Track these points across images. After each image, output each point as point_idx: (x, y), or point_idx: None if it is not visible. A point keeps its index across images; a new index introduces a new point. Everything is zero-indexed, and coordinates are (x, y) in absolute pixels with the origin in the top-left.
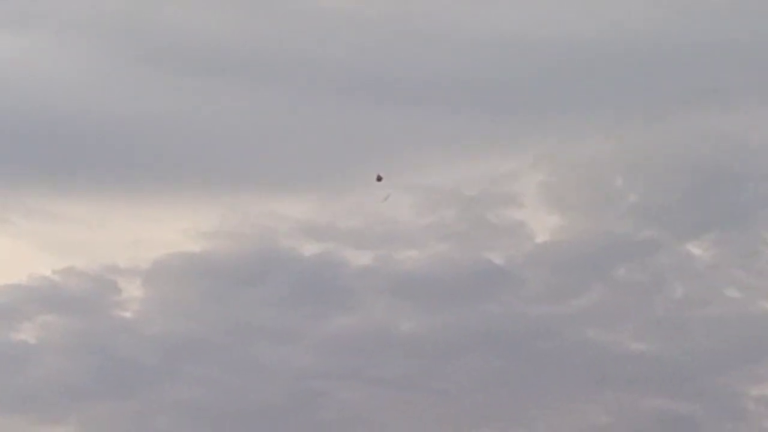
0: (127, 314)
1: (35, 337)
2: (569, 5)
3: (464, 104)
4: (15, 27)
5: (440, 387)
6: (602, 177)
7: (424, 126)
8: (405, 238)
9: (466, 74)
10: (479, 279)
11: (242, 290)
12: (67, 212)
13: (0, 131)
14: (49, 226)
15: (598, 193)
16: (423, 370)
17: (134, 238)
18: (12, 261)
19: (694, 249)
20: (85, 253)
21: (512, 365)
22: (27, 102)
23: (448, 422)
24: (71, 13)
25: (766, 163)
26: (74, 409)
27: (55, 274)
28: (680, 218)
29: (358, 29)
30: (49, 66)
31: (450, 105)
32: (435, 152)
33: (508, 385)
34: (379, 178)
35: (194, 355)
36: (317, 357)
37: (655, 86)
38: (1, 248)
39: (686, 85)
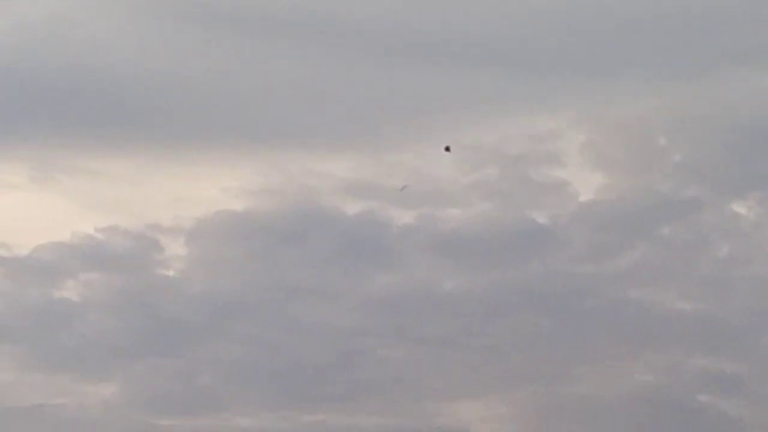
0: (170, 273)
1: (78, 295)
2: None
3: (508, 63)
4: None
5: (483, 345)
6: (646, 136)
7: (467, 85)
8: (448, 196)
9: (509, 33)
10: (522, 238)
11: (285, 249)
12: (110, 171)
13: (44, 91)
14: (93, 185)
15: (642, 152)
16: (466, 329)
17: (177, 197)
18: (56, 219)
19: (739, 208)
20: (128, 212)
21: (556, 324)
22: (70, 61)
23: (491, 380)
24: None
25: None
26: (117, 367)
27: (99, 232)
28: (724, 177)
29: None
30: (91, 25)
31: (493, 64)
32: (478, 111)
33: (551, 344)
34: (447, 149)
35: (236, 314)
36: (360, 315)
37: (699, 45)
38: (45, 206)
39: (730, 43)
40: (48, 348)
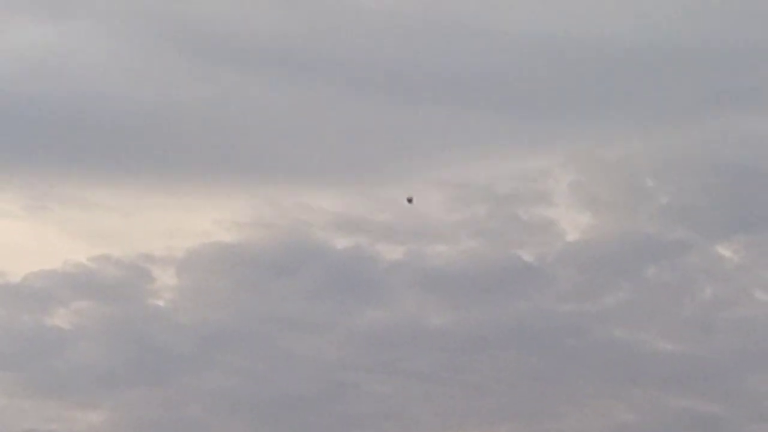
0: (161, 302)
1: (69, 323)
2: (602, 6)
3: (497, 103)
4: (52, 16)
5: (469, 381)
6: (633, 177)
7: (457, 123)
8: (436, 233)
9: (499, 73)
10: (509, 275)
11: (275, 281)
12: (102, 201)
13: (37, 120)
14: (85, 214)
15: (629, 193)
16: (452, 364)
17: (169, 228)
18: (48, 247)
19: (724, 250)
20: (120, 242)
21: (541, 361)
22: (63, 91)
23: (476, 416)
24: (109, 3)
25: None
26: (107, 395)
27: (90, 261)
28: (710, 219)
29: (397, 27)
30: (86, 56)
31: (483, 103)
32: (467, 149)
33: (536, 381)
34: (410, 200)
35: (227, 345)
36: (348, 349)
37: (686, 88)
38: (37, 235)
39: (716, 87)
40: (39, 375)
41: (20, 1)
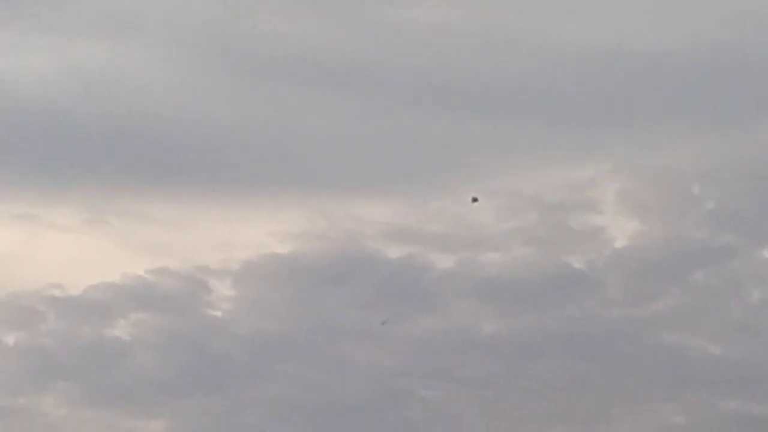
0: (218, 313)
1: (129, 334)
2: (650, 17)
3: (546, 113)
4: (110, 36)
5: (522, 387)
6: (680, 184)
7: (506, 134)
8: (488, 242)
9: (547, 84)
10: (560, 282)
11: (329, 291)
12: (160, 214)
13: (96, 136)
14: (143, 228)
15: (676, 200)
16: (505, 371)
17: (225, 240)
18: (107, 260)
19: None
20: (177, 254)
21: (592, 367)
22: (121, 108)
23: (529, 421)
24: (166, 22)
25: None
26: (166, 405)
27: (148, 274)
28: (757, 224)
29: (446, 39)
30: (143, 73)
31: (532, 114)
32: (517, 159)
33: (588, 386)
34: (475, 199)
35: (282, 354)
36: (402, 357)
37: (731, 94)
38: (96, 248)
39: (762, 93)
40: (99, 385)
41: (79, 21)
